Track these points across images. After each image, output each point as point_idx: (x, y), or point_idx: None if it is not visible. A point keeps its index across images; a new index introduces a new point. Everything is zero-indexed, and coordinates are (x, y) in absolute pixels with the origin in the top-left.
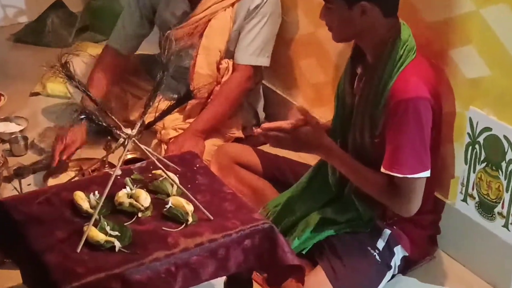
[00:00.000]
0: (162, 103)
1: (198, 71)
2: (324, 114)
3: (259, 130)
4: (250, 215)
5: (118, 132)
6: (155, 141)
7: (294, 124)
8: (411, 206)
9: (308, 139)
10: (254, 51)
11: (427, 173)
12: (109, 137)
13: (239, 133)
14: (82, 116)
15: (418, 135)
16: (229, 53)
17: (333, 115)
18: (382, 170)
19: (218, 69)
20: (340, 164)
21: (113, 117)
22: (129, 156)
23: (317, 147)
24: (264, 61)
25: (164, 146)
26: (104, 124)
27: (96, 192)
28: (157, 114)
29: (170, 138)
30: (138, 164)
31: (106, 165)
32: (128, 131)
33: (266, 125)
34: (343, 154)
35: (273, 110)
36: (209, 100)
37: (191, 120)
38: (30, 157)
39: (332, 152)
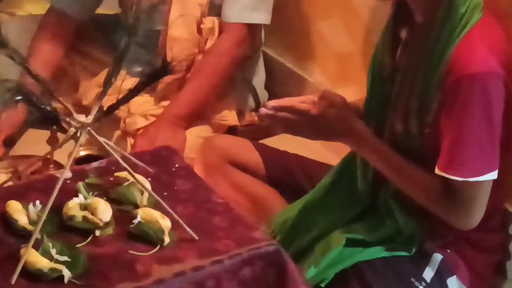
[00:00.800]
0: (126, 81)
1: (173, 35)
2: (351, 95)
3: (264, 109)
4: (248, 234)
5: (68, 119)
6: (118, 133)
7: (312, 101)
8: (471, 218)
9: (332, 122)
10: (247, 4)
11: (494, 175)
12: (54, 127)
13: (232, 120)
14: (18, 98)
15: (486, 124)
16: (214, 9)
17: (365, 96)
18: (437, 171)
19: (200, 30)
20: (376, 158)
21: (61, 100)
22: (83, 153)
23: (344, 133)
24: (262, 17)
25: (130, 140)
26: (48, 108)
27: (38, 202)
28: (120, 96)
29: (139, 129)
30: (95, 164)
31: (51, 165)
32: (82, 118)
33: (274, 102)
34: (381, 145)
35: (279, 88)
36: (189, 74)
37: (166, 103)
38: None
39: (365, 141)
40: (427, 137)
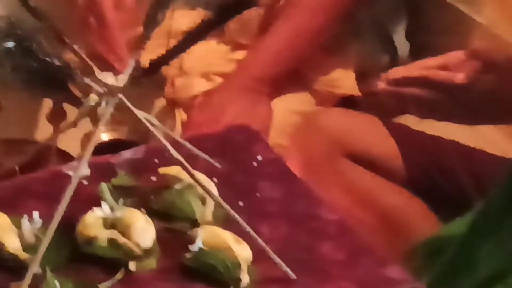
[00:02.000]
0: (177, 20)
1: None
2: None
3: (382, 83)
4: (378, 271)
5: (86, 81)
6: (161, 104)
7: (457, 62)
8: None
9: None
10: None
11: None
12: (61, 94)
13: (349, 86)
14: (9, 42)
15: None
16: None
17: None
18: None
19: None
20: None
21: (76, 48)
22: (106, 137)
23: None
24: None
25: (182, 115)
26: (53, 62)
27: (36, 215)
28: (170, 45)
29: (196, 97)
30: (126, 154)
31: (53, 156)
32: (109, 78)
33: (396, 71)
34: None
35: (428, 37)
36: (279, 6)
37: (240, 54)
38: None
39: None
40: None
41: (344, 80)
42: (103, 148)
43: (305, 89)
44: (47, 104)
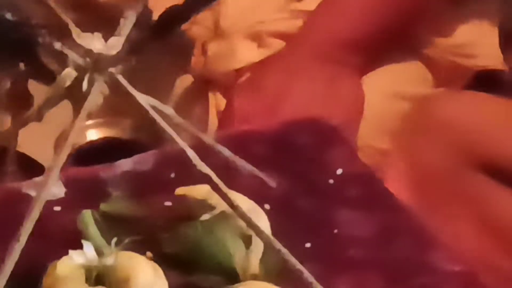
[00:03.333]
0: None
1: None
2: None
3: None
4: None
5: (60, 47)
6: (185, 83)
7: None
8: None
9: None
10: None
11: None
12: (26, 66)
13: (489, 55)
14: None
15: None
16: None
17: None
18: None
19: None
20: None
21: None
22: (93, 136)
23: None
24: None
25: (217, 98)
26: (13, 16)
27: None
28: None
29: (239, 72)
30: (125, 164)
31: (9, 167)
32: (96, 42)
33: None
34: None
35: None
36: None
37: (309, 4)
38: None
39: None
40: None
41: (480, 46)
42: (88, 153)
43: (414, 58)
44: (2, 82)
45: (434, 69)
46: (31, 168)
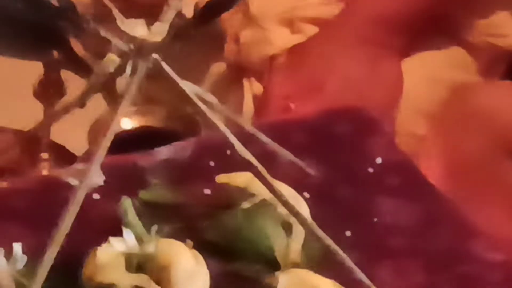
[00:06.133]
0: None
1: None
2: None
3: None
4: None
5: (101, 32)
6: (220, 70)
7: None
8: None
9: None
10: None
11: None
12: (59, 54)
13: None
14: None
15: None
16: None
17: None
18: None
19: None
20: None
21: None
22: (129, 126)
23: None
24: None
25: (254, 86)
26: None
27: (18, 248)
28: None
29: (274, 58)
30: (163, 152)
31: (45, 154)
32: (138, 27)
33: None
34: None
35: None
36: None
37: None
38: None
39: None
40: None
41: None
42: (125, 142)
43: (456, 44)
44: (36, 71)
45: (476, 55)
46: (63, 157)
